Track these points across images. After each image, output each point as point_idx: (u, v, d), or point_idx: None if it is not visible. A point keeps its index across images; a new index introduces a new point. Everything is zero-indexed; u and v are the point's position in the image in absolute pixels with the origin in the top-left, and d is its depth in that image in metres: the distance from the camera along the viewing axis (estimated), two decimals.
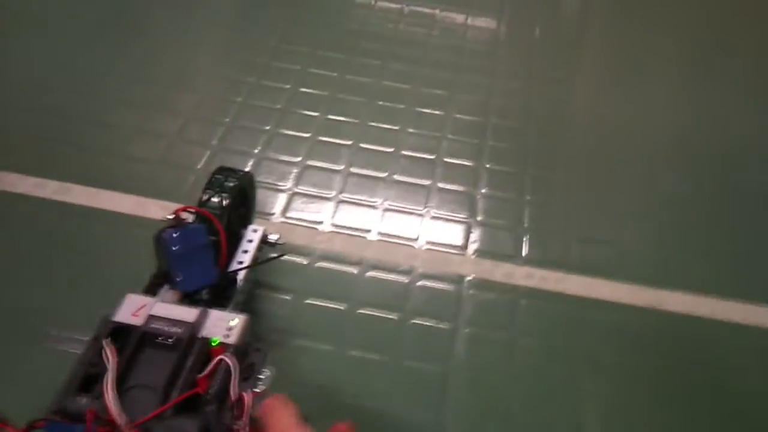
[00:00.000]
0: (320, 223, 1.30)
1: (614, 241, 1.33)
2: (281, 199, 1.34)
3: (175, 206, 0.86)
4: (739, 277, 1.29)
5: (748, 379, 1.13)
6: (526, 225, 1.34)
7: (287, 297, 1.16)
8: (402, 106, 1.59)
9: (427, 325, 1.15)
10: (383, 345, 1.11)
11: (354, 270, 1.22)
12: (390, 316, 1.15)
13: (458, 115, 1.58)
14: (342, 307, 1.16)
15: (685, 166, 1.51)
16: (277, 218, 1.31)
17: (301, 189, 1.37)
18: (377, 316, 1.15)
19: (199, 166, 1.38)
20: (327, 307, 1.16)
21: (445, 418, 1.02)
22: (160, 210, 1.26)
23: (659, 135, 1.59)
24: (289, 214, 1.32)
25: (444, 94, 1.64)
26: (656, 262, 1.30)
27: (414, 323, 1.15)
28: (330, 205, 1.34)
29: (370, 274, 1.22)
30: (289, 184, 1.38)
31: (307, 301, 1.16)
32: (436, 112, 1.59)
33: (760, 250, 1.34)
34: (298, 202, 1.34)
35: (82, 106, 1.51)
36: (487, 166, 1.46)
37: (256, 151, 1.44)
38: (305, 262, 1.23)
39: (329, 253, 1.25)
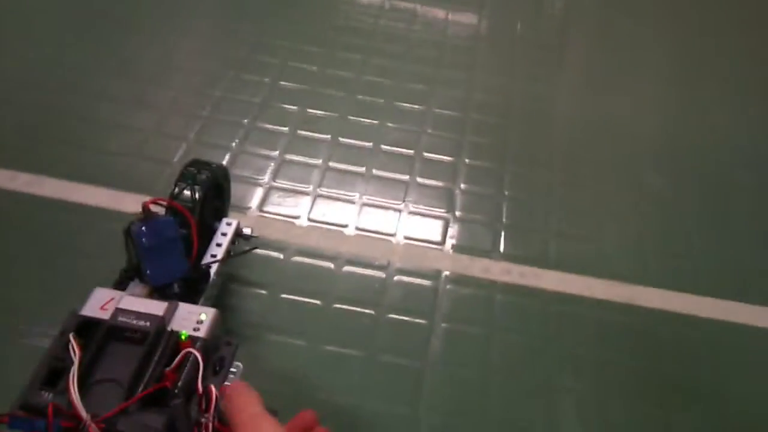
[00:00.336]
0: (297, 217, 1.29)
1: (592, 238, 1.33)
2: (258, 193, 1.33)
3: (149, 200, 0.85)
4: (715, 276, 1.29)
5: (723, 376, 1.13)
6: (504, 221, 1.34)
7: (262, 292, 1.15)
8: (382, 101, 1.58)
9: (403, 320, 1.14)
10: (359, 340, 1.10)
11: (330, 265, 1.21)
12: (366, 312, 1.15)
13: (438, 111, 1.58)
14: (318, 302, 1.15)
15: (666, 165, 1.52)
16: (253, 212, 1.29)
17: (278, 183, 1.36)
18: (353, 311, 1.15)
19: (175, 160, 1.37)
20: (302, 302, 1.15)
21: (421, 413, 1.02)
22: (135, 203, 1.23)
23: (641, 134, 1.60)
24: (265, 208, 1.30)
25: (424, 89, 1.63)
26: (634, 259, 1.30)
27: (390, 318, 1.14)
28: (307, 200, 1.33)
29: (347, 269, 1.21)
30: (266, 178, 1.36)
31: (283, 296, 1.15)
32: (416, 108, 1.58)
33: (737, 249, 1.35)
34: (275, 196, 1.33)
35: (56, 100, 1.49)
36: (467, 161, 1.46)
37: (233, 144, 1.43)
38: (281, 257, 1.21)
39: (306, 247, 1.24)
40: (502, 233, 1.31)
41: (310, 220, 1.29)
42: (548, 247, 1.30)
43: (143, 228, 0.80)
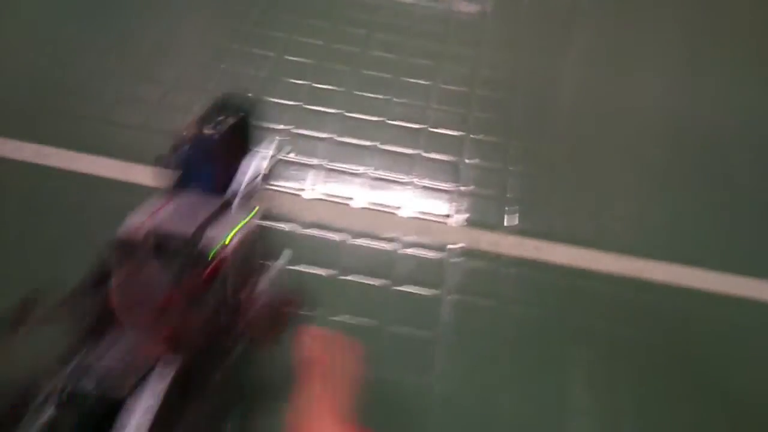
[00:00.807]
0: (304, 190, 1.29)
1: (599, 212, 1.33)
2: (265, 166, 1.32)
3: (155, 171, 0.86)
4: (720, 250, 1.29)
5: (730, 349, 1.14)
6: (510, 195, 1.34)
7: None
8: (388, 76, 1.57)
9: (413, 291, 1.14)
10: (369, 310, 1.10)
11: (338, 237, 1.21)
12: (376, 283, 1.15)
13: (444, 86, 1.57)
14: (326, 274, 1.15)
15: (673, 143, 1.51)
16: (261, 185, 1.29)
17: (285, 156, 1.35)
18: (363, 282, 1.15)
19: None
20: (311, 273, 1.15)
21: (431, 381, 1.02)
22: (140, 174, 1.23)
23: (647, 110, 1.59)
24: (273, 181, 1.30)
25: (430, 65, 1.62)
26: (640, 233, 1.30)
27: (400, 290, 1.14)
28: (315, 173, 1.32)
29: (355, 241, 1.21)
30: (273, 151, 1.36)
31: (291, 268, 1.15)
32: (423, 82, 1.57)
33: (741, 225, 1.35)
34: (282, 169, 1.32)
35: (63, 74, 1.48)
36: (473, 136, 1.45)
37: None
38: (289, 229, 1.21)
39: (313, 220, 1.23)
40: (509, 207, 1.31)
41: (318, 193, 1.29)
42: (555, 221, 1.30)
43: (187, 148, 0.89)
